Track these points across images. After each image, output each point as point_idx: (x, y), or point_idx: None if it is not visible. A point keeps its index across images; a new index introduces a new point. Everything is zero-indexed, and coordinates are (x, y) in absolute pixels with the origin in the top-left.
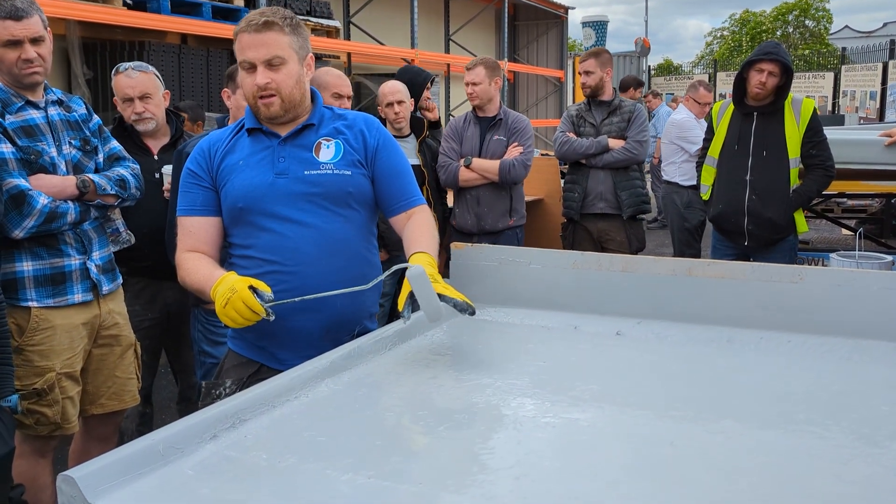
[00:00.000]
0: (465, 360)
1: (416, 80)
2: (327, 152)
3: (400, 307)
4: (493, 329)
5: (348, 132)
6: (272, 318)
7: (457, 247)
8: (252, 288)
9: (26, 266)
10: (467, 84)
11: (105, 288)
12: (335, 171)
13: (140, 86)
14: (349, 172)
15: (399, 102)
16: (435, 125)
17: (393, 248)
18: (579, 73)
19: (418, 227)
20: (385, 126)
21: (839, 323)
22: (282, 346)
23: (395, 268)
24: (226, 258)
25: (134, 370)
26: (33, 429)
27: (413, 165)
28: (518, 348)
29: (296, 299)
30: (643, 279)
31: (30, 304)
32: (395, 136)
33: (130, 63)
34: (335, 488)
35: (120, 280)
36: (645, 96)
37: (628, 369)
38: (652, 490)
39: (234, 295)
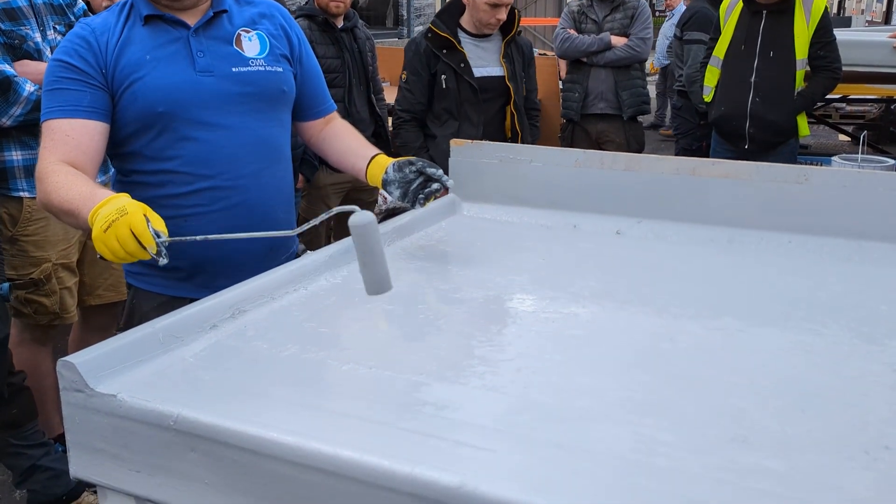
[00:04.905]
0: (464, 256)
1: None
2: (251, 46)
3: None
4: (491, 227)
5: (267, 22)
6: (164, 261)
7: (456, 143)
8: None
9: (16, 156)
10: None
11: (99, 179)
12: (267, 68)
13: None
14: (280, 69)
15: (506, 6)
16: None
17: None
18: None
19: (351, 131)
20: (468, 24)
21: (841, 224)
22: (221, 275)
23: (334, 210)
24: (118, 180)
25: None
26: (32, 318)
27: (494, 77)
28: (517, 246)
29: (197, 238)
30: (645, 178)
31: (21, 194)
32: (476, 37)
33: None
34: (337, 377)
35: (112, 171)
36: None
37: (627, 268)
38: (651, 383)
39: (123, 218)
